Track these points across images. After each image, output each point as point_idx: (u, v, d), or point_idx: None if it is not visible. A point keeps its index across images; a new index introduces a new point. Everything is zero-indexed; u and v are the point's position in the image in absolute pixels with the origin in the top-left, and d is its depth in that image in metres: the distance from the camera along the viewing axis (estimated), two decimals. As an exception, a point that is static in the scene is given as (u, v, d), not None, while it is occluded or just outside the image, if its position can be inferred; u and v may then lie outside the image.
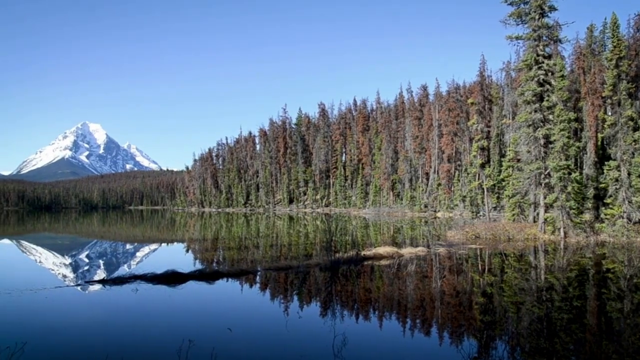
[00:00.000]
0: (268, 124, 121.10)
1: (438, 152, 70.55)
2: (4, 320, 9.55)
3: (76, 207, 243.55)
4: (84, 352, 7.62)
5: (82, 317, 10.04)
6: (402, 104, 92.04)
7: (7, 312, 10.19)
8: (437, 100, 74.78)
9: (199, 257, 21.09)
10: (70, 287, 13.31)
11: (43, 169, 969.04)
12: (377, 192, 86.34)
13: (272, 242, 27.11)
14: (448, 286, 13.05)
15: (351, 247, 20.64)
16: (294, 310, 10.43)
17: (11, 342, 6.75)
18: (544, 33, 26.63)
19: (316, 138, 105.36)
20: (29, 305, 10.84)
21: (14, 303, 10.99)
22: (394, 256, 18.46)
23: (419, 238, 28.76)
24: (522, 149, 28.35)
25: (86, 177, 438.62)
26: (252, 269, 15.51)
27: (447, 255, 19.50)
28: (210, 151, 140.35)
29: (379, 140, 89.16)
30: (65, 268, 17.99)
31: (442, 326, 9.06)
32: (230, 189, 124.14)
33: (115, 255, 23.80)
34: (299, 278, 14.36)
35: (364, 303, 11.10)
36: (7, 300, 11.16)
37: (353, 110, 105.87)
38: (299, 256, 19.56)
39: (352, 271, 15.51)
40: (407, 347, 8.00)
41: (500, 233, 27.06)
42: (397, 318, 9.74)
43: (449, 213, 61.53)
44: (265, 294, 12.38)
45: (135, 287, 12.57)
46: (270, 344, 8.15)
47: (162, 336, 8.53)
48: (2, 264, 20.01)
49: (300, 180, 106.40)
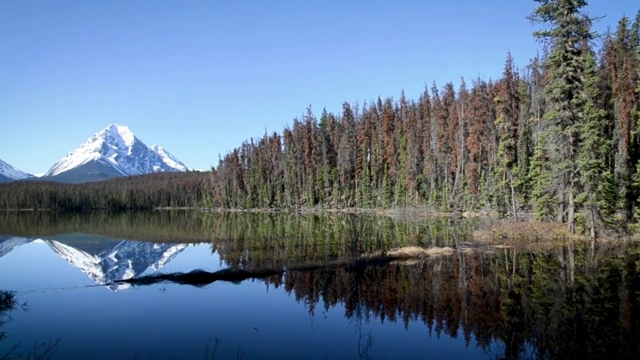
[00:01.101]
0: (293, 125, 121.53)
1: (464, 151, 69.75)
2: (39, 317, 9.80)
3: (105, 207, 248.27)
4: (114, 349, 7.77)
5: (112, 315, 10.23)
6: (427, 103, 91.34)
7: (42, 309, 10.44)
8: (462, 98, 73.95)
9: (225, 257, 21.27)
10: (100, 286, 13.57)
11: (74, 170, 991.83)
12: (403, 192, 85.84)
13: (297, 242, 27.17)
14: (474, 287, 12.89)
15: (376, 247, 20.55)
16: (319, 310, 10.43)
17: (46, 338, 6.91)
18: (572, 28, 26.08)
19: (341, 138, 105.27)
20: (62, 303, 11.10)
21: (48, 301, 11.27)
22: (419, 256, 18.32)
23: (444, 238, 28.48)
24: (550, 147, 27.82)
25: (115, 178, 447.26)
26: (278, 269, 15.57)
27: (473, 256, 19.26)
28: (236, 152, 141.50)
29: (404, 139, 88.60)
30: (95, 267, 18.35)
31: (469, 327, 8.95)
32: (256, 190, 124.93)
33: (143, 255, 24.18)
34: (325, 278, 14.35)
35: (390, 303, 11.04)
36: (42, 298, 11.46)
37: (378, 109, 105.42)
38: (324, 256, 19.57)
39: (378, 271, 15.45)
40: (433, 348, 7.93)
41: (528, 233, 26.62)
42: (423, 318, 9.66)
43: (475, 213, 60.81)
44: (290, 293, 12.41)
45: (162, 287, 12.75)
46: (296, 344, 8.17)
47: (189, 335, 8.63)
48: (37, 264, 20.60)
49: (325, 180, 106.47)
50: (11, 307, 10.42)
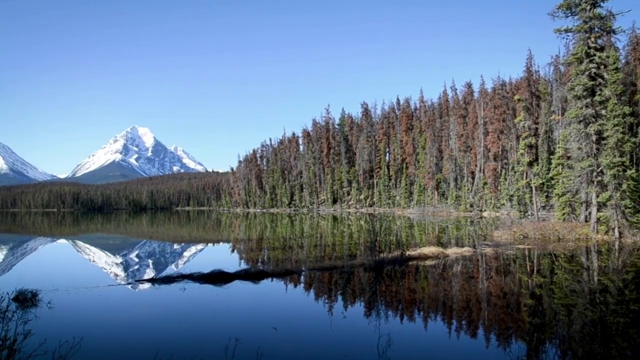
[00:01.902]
0: (311, 125, 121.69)
1: (484, 150, 69.11)
2: (63, 315, 9.98)
3: (126, 208, 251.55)
4: (136, 348, 7.88)
5: (133, 314, 10.36)
6: (446, 102, 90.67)
7: (66, 308, 10.64)
8: (482, 97, 73.24)
9: (244, 257, 21.39)
10: (122, 285, 13.76)
11: (96, 171, 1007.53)
12: (422, 192, 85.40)
13: (316, 242, 27.19)
14: (495, 287, 12.76)
15: (396, 247, 20.45)
16: (338, 310, 10.43)
17: (70, 336, 7.02)
18: (595, 24, 25.62)
19: (359, 138, 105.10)
20: (85, 302, 11.29)
21: (71, 300, 11.47)
22: (439, 256, 18.21)
23: (464, 238, 28.25)
24: (572, 145, 27.39)
25: (135, 179, 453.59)
26: (297, 269, 15.60)
27: (493, 256, 19.07)
28: (255, 152, 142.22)
29: (422, 139, 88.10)
30: (116, 267, 18.60)
31: (489, 328, 8.86)
32: (275, 190, 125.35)
33: (163, 255, 24.44)
34: (343, 278, 14.35)
35: (409, 303, 10.99)
36: (66, 297, 11.67)
37: (396, 109, 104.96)
38: (343, 256, 19.56)
39: (397, 271, 15.39)
40: (453, 349, 7.87)
41: (549, 233, 26.26)
42: (442, 319, 9.60)
43: (496, 212, 60.20)
44: (309, 293, 12.43)
45: (183, 286, 12.87)
46: (315, 344, 8.19)
47: (209, 334, 8.70)
48: (61, 263, 20.98)
49: (343, 180, 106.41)
50: (37, 306, 10.64)
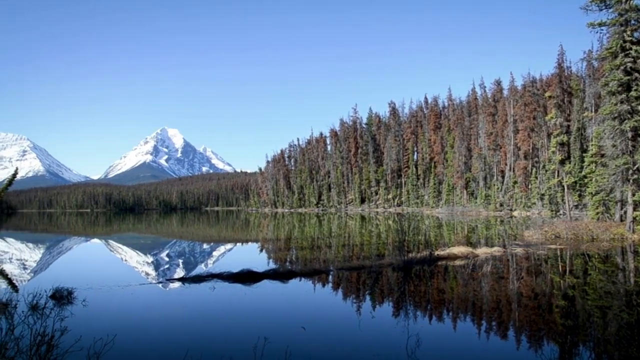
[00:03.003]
0: (339, 124, 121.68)
1: (514, 148, 67.99)
2: (97, 313, 10.24)
3: (157, 208, 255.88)
4: (167, 346, 8.03)
5: (164, 312, 10.56)
6: (474, 100, 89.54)
7: (100, 306, 10.90)
8: (511, 94, 72.04)
9: (272, 257, 21.53)
10: (153, 284, 14.02)
11: (127, 172, 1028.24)
12: (450, 191, 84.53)
13: (344, 242, 27.19)
14: (526, 288, 12.56)
15: (424, 247, 20.30)
16: (366, 310, 10.43)
17: (103, 333, 7.21)
18: (632, 17, 24.88)
19: (387, 137, 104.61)
20: (118, 300, 11.55)
21: (105, 298, 11.75)
22: (468, 256, 18.01)
23: (494, 238, 27.85)
24: (606, 143, 26.72)
25: (165, 179, 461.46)
26: (325, 269, 15.63)
27: (524, 256, 18.76)
28: (282, 152, 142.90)
29: (451, 138, 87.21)
30: (148, 266, 18.96)
31: (520, 329, 8.73)
32: (302, 190, 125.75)
33: (193, 255, 24.79)
34: (372, 278, 14.33)
35: (438, 304, 10.91)
36: (99, 295, 11.97)
37: (424, 108, 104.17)
38: (371, 256, 19.52)
39: (425, 271, 15.29)
40: (483, 350, 7.79)
41: (582, 233, 25.68)
42: (472, 320, 9.50)
43: (526, 212, 59.17)
44: (337, 293, 12.45)
45: (212, 285, 13.05)
46: (343, 343, 8.20)
47: (238, 333, 8.80)
48: (95, 262, 21.50)
49: (371, 179, 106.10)
50: (72, 303, 10.94)
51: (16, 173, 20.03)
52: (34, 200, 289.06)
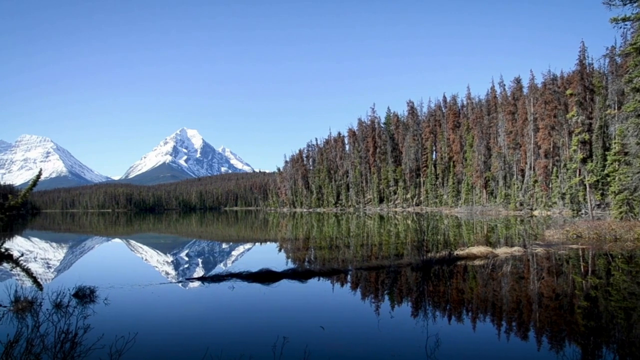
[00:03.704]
0: (357, 124, 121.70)
1: (534, 147, 67.13)
2: (118, 311, 10.39)
3: (176, 208, 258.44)
4: (187, 344, 8.12)
5: (184, 311, 10.67)
6: (494, 98, 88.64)
7: (121, 304, 11.07)
8: (531, 92, 71.10)
9: (291, 256, 21.59)
10: (173, 283, 14.17)
11: (147, 173, 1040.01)
12: (470, 191, 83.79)
13: (362, 242, 27.15)
14: (547, 288, 12.41)
15: (443, 246, 20.20)
16: (385, 310, 10.41)
17: (125, 331, 7.33)
18: (657, 11, 24.40)
19: (405, 136, 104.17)
20: (139, 299, 11.71)
21: (126, 296, 11.93)
22: (488, 256, 17.86)
23: (514, 237, 27.56)
24: (630, 141, 26.26)
25: (185, 180, 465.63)
26: (343, 268, 15.64)
27: (545, 256, 18.53)
28: (301, 152, 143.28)
29: (470, 136, 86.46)
30: (168, 265, 19.17)
31: (541, 330, 8.64)
32: (321, 189, 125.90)
33: (212, 254, 24.98)
34: (390, 278, 14.29)
35: (457, 304, 10.85)
36: (121, 294, 12.15)
37: (443, 107, 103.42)
38: (390, 256, 19.46)
39: (445, 271, 15.20)
40: (503, 350, 7.73)
41: (605, 232, 25.25)
42: (491, 320, 9.43)
43: (547, 211, 58.38)
44: (356, 293, 12.45)
45: (231, 285, 13.15)
46: (362, 343, 8.20)
47: (258, 332, 8.86)
48: (116, 261, 21.81)
49: (390, 179, 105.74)
50: (94, 302, 11.13)
51: (40, 174, 20.39)
52: (57, 201, 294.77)
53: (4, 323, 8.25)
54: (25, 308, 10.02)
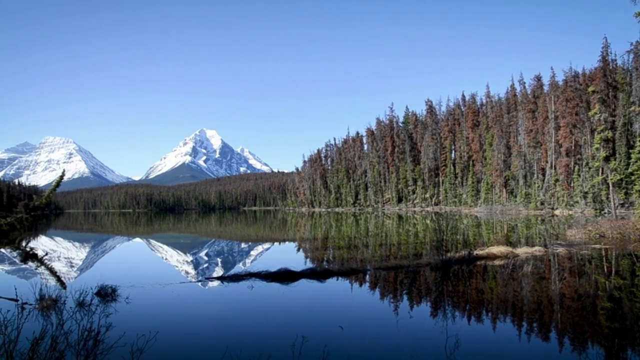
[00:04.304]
0: (375, 124, 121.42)
1: (555, 145, 66.20)
2: (139, 310, 10.53)
3: (196, 208, 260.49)
4: (207, 343, 8.19)
5: (204, 310, 10.77)
6: (514, 96, 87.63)
7: (142, 303, 11.21)
8: (552, 90, 70.13)
9: (309, 256, 21.62)
10: (193, 282, 14.31)
11: (167, 173, 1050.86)
12: (489, 190, 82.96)
13: (381, 241, 27.08)
14: (568, 289, 12.24)
15: (462, 246, 20.05)
16: (404, 310, 10.38)
17: (146, 330, 7.43)
18: (683, 6, 23.82)
19: (424, 136, 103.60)
20: (159, 298, 11.85)
21: (147, 295, 12.08)
22: (508, 256, 17.68)
23: (535, 237, 27.22)
24: (654, 139, 25.73)
25: (204, 180, 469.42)
26: (362, 268, 15.62)
27: (567, 256, 18.27)
28: (319, 152, 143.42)
29: (489, 135, 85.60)
30: (187, 265, 19.36)
31: (562, 331, 8.53)
32: (339, 189, 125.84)
33: (231, 254, 25.14)
34: (409, 277, 14.24)
35: (477, 304, 10.76)
36: (142, 293, 12.31)
37: (462, 105, 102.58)
38: (408, 255, 19.39)
39: (464, 271, 15.09)
40: (524, 351, 7.64)
41: (629, 232, 24.79)
42: (512, 321, 9.33)
43: (569, 210, 57.54)
44: (375, 292, 12.43)
45: (250, 284, 13.23)
46: (381, 343, 8.19)
47: (277, 332, 8.90)
48: (137, 261, 22.12)
49: (408, 179, 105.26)
50: (116, 300, 11.29)
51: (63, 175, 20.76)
52: (79, 201, 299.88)
53: (30, 320, 8.42)
54: (49, 306, 10.22)
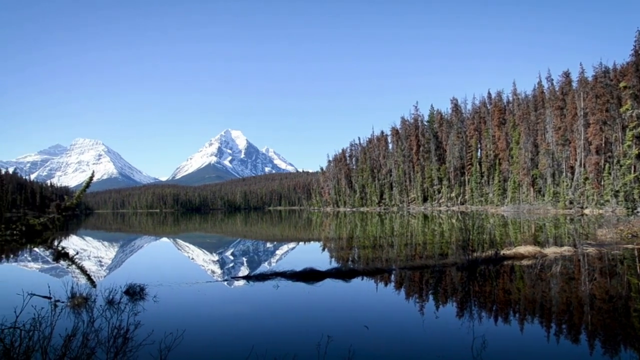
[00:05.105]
0: (400, 123, 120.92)
1: (584, 143, 64.85)
2: (167, 309, 10.69)
3: (221, 208, 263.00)
4: (233, 341, 8.28)
5: (230, 309, 10.87)
6: (541, 93, 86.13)
7: (169, 302, 11.38)
8: (581, 86, 68.69)
9: (334, 256, 21.63)
10: (219, 282, 14.46)
11: (193, 174, 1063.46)
12: (516, 189, 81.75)
13: (406, 241, 26.93)
14: (599, 290, 11.98)
15: (489, 246, 19.81)
16: (430, 310, 10.31)
17: (173, 328, 7.54)
18: None
19: (449, 134, 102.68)
20: (186, 297, 12.02)
21: (174, 294, 12.26)
22: (536, 256, 17.40)
23: (564, 237, 26.71)
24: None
25: (229, 180, 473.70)
26: (387, 268, 15.57)
27: (597, 256, 17.89)
28: (344, 152, 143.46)
29: (516, 133, 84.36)
30: (213, 264, 19.57)
31: (593, 333, 8.35)
32: (364, 189, 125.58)
33: (256, 253, 25.31)
34: (435, 277, 14.14)
35: (504, 305, 10.62)
36: (169, 292, 12.50)
37: (487, 103, 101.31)
38: (434, 255, 19.24)
39: (491, 271, 14.91)
40: (553, 353, 7.51)
41: (663, 231, 24.15)
42: (540, 322, 9.18)
43: (599, 210, 56.29)
44: (400, 292, 12.37)
45: (276, 284, 13.31)
46: (406, 343, 8.15)
47: (302, 331, 8.94)
48: (164, 260, 22.47)
49: (434, 178, 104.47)
50: (144, 299, 11.49)
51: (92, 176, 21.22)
52: (108, 201, 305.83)
53: (62, 317, 8.63)
54: (80, 304, 10.47)
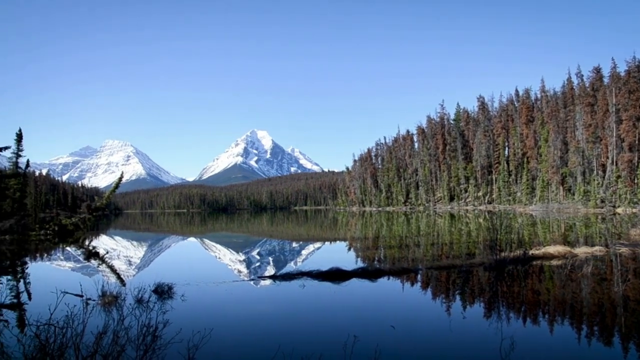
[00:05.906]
0: (425, 121, 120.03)
1: (616, 140, 63.29)
2: (194, 308, 10.84)
3: (248, 208, 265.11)
4: (259, 341, 8.35)
5: (256, 309, 10.96)
6: (570, 90, 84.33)
7: (197, 301, 11.54)
8: (613, 82, 67.02)
9: (360, 255, 21.60)
10: (245, 281, 14.59)
11: (220, 174, 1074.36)
12: (545, 187, 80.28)
13: (432, 241, 26.72)
14: (633, 291, 11.68)
15: (517, 246, 19.51)
16: (457, 311, 10.21)
17: (201, 327, 7.62)
18: None
19: (476, 133, 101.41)
20: (213, 296, 12.16)
21: (201, 293, 12.43)
22: (566, 256, 17.07)
23: (595, 237, 26.13)
24: None
25: (255, 180, 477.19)
26: (413, 268, 15.47)
27: (631, 256, 17.44)
28: (369, 151, 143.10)
29: (545, 131, 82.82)
30: (240, 264, 19.76)
31: (627, 335, 8.15)
32: (390, 188, 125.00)
33: (282, 253, 25.44)
34: (462, 277, 13.99)
35: (533, 306, 10.45)
36: (196, 291, 12.67)
37: (515, 101, 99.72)
38: (461, 255, 19.05)
39: (519, 271, 14.68)
40: (584, 356, 7.36)
41: (699, 231, 23.43)
42: (570, 323, 9.01)
43: (632, 208, 54.91)
44: (427, 292, 12.29)
45: (302, 283, 13.36)
46: (433, 344, 8.11)
47: (328, 330, 8.96)
48: (191, 260, 22.81)
49: (460, 177, 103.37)
50: (172, 298, 11.67)
51: (122, 177, 21.63)
52: (137, 202, 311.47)
53: (94, 315, 8.86)
54: (111, 302, 10.72)
